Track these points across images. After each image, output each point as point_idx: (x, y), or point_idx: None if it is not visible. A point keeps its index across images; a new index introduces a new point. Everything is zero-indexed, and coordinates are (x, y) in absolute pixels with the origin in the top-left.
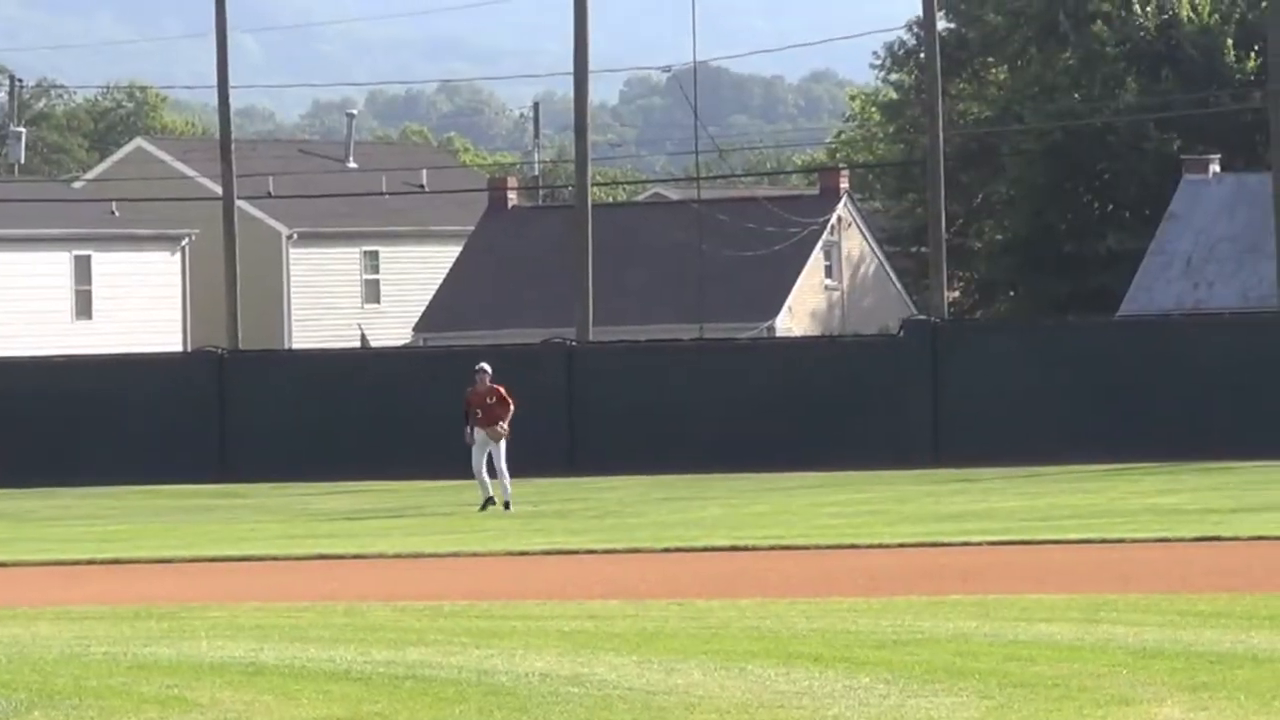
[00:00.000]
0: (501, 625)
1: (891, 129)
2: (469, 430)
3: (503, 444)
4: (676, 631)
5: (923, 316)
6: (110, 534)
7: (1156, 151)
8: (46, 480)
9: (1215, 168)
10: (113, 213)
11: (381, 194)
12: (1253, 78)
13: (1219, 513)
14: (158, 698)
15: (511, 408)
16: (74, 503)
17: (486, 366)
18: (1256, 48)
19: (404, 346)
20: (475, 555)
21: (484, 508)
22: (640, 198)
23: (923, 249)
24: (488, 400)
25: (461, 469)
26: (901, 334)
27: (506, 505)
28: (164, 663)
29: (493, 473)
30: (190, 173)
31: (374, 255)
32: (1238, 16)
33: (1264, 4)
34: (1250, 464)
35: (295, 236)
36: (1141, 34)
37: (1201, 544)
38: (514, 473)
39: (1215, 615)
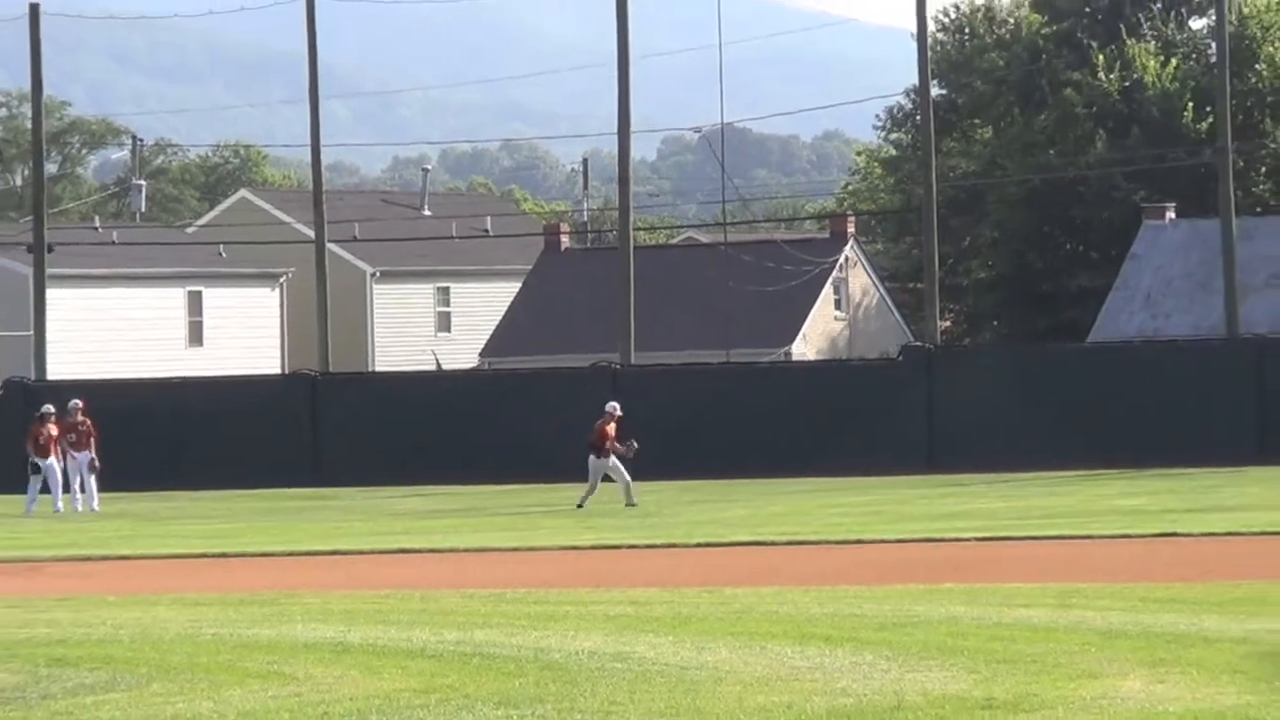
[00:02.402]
0: (556, 610)
1: (891, 181)
2: (609, 447)
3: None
4: (706, 615)
5: (918, 343)
6: (219, 531)
7: (1122, 200)
8: (164, 485)
9: (1171, 214)
10: (220, 254)
11: (452, 238)
12: (1205, 136)
13: (1175, 512)
14: (260, 672)
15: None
16: (187, 504)
17: (617, 409)
18: (1209, 109)
19: (472, 369)
20: (533, 549)
21: (581, 506)
22: (675, 241)
23: (918, 285)
24: (613, 434)
25: (519, 475)
26: (900, 358)
27: (631, 504)
28: (265, 642)
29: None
30: (287, 219)
31: (445, 291)
32: (1194, 83)
33: (1214, 72)
34: (1201, 470)
35: (378, 274)
36: (1109, 98)
37: (1159, 539)
38: (566, 478)
39: (1171, 601)
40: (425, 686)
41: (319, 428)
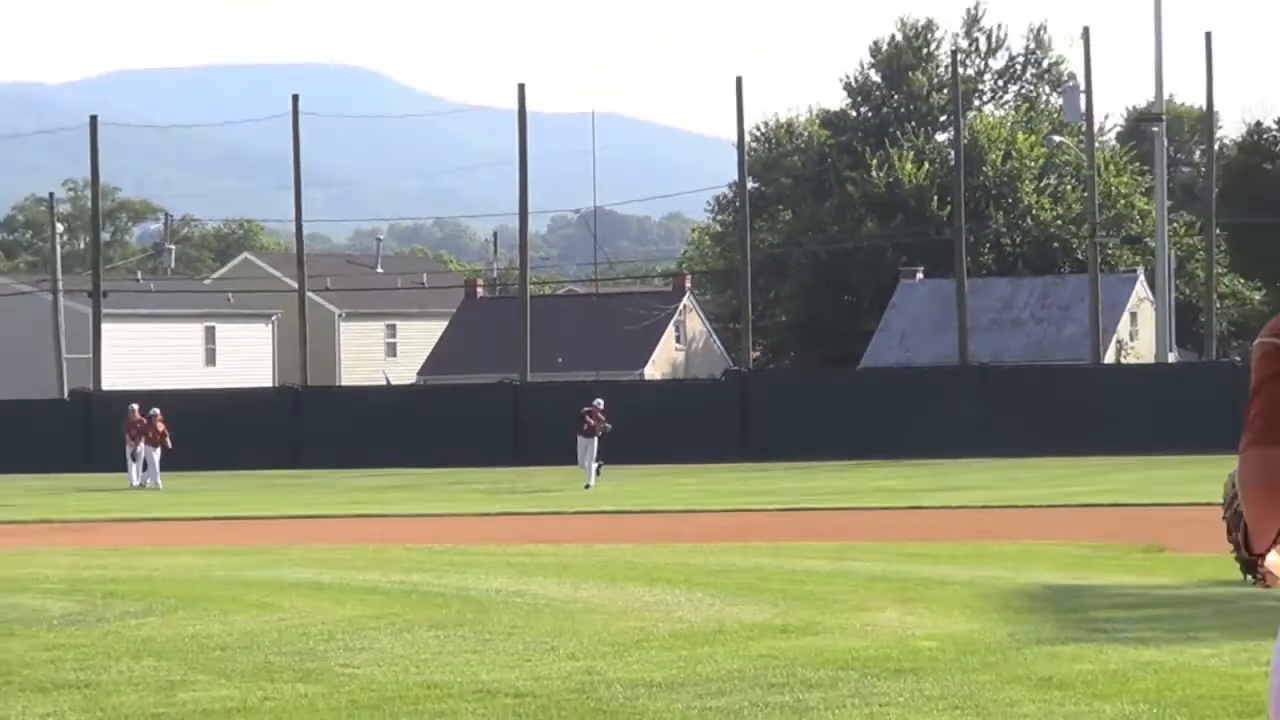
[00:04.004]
0: (472, 559)
1: (718, 250)
2: (591, 426)
3: (594, 444)
4: (582, 564)
5: (737, 368)
6: (226, 501)
7: (886, 265)
8: (187, 468)
9: (920, 275)
10: (229, 300)
11: (398, 289)
12: (946, 220)
13: (921, 491)
14: (256, 603)
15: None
16: (203, 481)
17: (600, 402)
18: (949, 200)
19: (412, 384)
20: (456, 515)
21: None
22: (560, 292)
23: (737, 325)
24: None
25: (448, 462)
26: (723, 379)
27: (587, 484)
28: (259, 581)
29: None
30: (278, 274)
31: (393, 327)
32: (939, 180)
33: (953, 173)
34: (940, 460)
35: (344, 315)
36: (877, 190)
37: (910, 511)
38: (479, 464)
39: (918, 556)
40: (377, 614)
41: (300, 426)
